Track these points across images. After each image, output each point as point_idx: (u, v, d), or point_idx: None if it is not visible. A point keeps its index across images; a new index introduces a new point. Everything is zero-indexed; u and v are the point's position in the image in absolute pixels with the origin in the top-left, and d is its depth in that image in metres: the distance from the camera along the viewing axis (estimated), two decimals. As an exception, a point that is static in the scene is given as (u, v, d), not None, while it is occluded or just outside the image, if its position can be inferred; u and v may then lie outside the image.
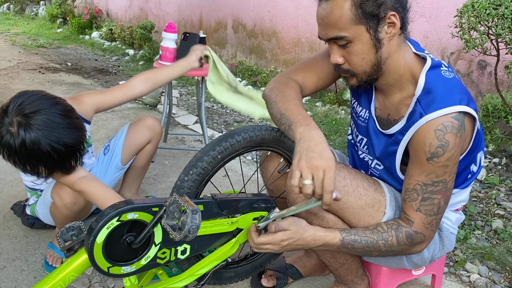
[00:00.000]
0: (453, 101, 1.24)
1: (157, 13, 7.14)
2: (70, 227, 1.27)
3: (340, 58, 1.30)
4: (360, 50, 1.26)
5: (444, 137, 1.23)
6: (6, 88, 4.35)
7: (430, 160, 1.25)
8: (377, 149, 1.45)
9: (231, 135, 1.32)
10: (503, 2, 2.49)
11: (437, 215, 1.32)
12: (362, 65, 1.29)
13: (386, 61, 1.30)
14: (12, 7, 10.66)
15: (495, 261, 2.04)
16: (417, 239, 1.34)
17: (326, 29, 1.26)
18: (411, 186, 1.31)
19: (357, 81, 1.34)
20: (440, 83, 1.28)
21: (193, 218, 1.11)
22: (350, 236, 1.33)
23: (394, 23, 1.24)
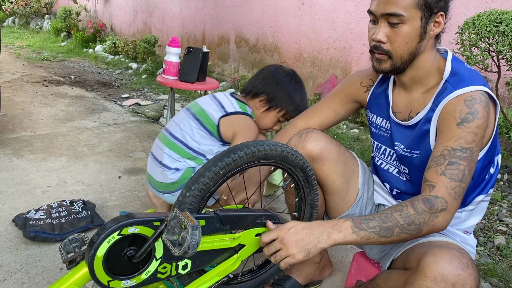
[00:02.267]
0: (479, 82, 1.31)
1: (160, 28, 7.20)
2: (73, 239, 1.27)
3: (385, 37, 1.33)
4: (408, 34, 1.30)
5: (473, 105, 1.27)
6: (9, 101, 4.37)
7: (461, 125, 1.27)
8: (405, 143, 1.45)
9: (233, 151, 1.32)
10: (503, 19, 2.51)
11: (461, 182, 1.26)
12: (404, 49, 1.33)
13: (420, 55, 1.35)
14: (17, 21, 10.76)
15: (498, 278, 2.03)
16: (438, 204, 1.24)
17: (386, 4, 1.29)
18: (439, 152, 1.29)
19: (390, 66, 1.37)
20: (466, 69, 1.36)
21: (193, 234, 1.10)
22: (361, 217, 1.26)
23: (440, 23, 1.34)
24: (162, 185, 2.01)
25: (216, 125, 1.95)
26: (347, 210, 1.65)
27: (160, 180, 2.00)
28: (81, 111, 4.30)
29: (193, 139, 1.97)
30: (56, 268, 1.91)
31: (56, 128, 3.71)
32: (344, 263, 2.08)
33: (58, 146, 3.30)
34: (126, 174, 2.91)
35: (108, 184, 2.74)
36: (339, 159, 1.59)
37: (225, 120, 1.95)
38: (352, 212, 1.65)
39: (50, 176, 2.78)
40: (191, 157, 1.98)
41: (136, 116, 4.31)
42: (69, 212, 2.23)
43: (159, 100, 4.94)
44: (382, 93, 1.55)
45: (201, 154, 1.98)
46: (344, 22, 4.43)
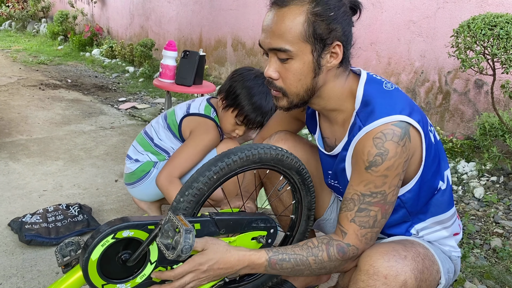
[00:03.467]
0: (393, 111, 1.19)
1: (157, 31, 7.20)
2: (69, 243, 1.27)
3: (275, 73, 1.23)
4: (299, 70, 1.20)
5: (383, 145, 1.17)
6: (6, 104, 4.36)
7: (369, 169, 1.19)
8: (332, 173, 1.44)
9: (227, 155, 1.31)
10: (498, 23, 2.52)
11: (372, 228, 1.24)
12: (297, 86, 1.23)
13: (321, 88, 1.26)
14: (13, 25, 10.75)
15: (495, 280, 2.03)
16: (349, 252, 1.25)
17: (272, 37, 1.20)
18: (349, 195, 1.25)
19: (287, 103, 1.28)
20: (379, 94, 1.24)
21: (186, 237, 1.10)
22: (278, 255, 1.25)
23: (337, 53, 1.21)
24: (126, 177, 2.12)
25: (178, 124, 2.00)
26: (322, 213, 1.64)
27: (125, 171, 2.12)
28: (78, 114, 4.30)
29: (158, 136, 2.05)
30: (52, 272, 1.90)
31: (52, 132, 3.70)
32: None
33: (54, 149, 3.30)
34: (123, 177, 2.91)
35: (104, 188, 2.74)
36: (309, 159, 1.56)
37: (186, 121, 2.00)
38: (327, 217, 1.64)
39: (46, 180, 2.77)
40: (153, 152, 2.06)
41: (133, 119, 4.31)
42: (65, 216, 2.23)
43: (156, 104, 4.94)
44: (312, 116, 1.49)
45: (164, 150, 2.05)
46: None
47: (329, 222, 1.65)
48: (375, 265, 1.16)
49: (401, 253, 1.19)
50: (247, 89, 1.91)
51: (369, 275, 1.17)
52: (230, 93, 1.94)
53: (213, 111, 2.02)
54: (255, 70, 2.00)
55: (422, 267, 1.21)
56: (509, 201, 2.73)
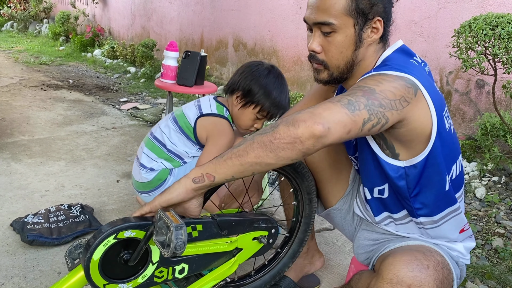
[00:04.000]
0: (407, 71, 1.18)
1: (158, 32, 7.21)
2: (78, 245, 1.27)
3: (318, 47, 1.29)
4: (341, 43, 1.26)
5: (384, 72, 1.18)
6: (8, 105, 4.37)
7: (363, 76, 1.22)
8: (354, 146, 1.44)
9: None
10: (499, 23, 2.53)
11: (346, 96, 1.12)
12: (338, 59, 1.28)
13: (360, 63, 1.30)
14: (15, 25, 10.77)
15: (496, 280, 2.04)
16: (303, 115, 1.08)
17: (316, 13, 1.25)
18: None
19: (327, 75, 1.32)
20: (402, 60, 1.26)
21: (177, 234, 1.10)
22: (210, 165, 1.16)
23: (378, 28, 1.27)
24: (139, 185, 2.05)
25: (192, 127, 1.96)
26: (335, 203, 1.63)
27: (138, 179, 2.04)
28: (80, 115, 4.31)
29: (171, 140, 1.98)
30: (54, 273, 1.91)
31: (54, 132, 3.71)
32: (342, 266, 2.09)
33: (56, 150, 3.31)
34: (124, 178, 2.92)
35: (106, 188, 2.74)
36: (330, 149, 1.56)
37: (200, 122, 1.95)
38: (340, 207, 1.63)
39: (48, 180, 2.78)
40: (167, 158, 1.99)
41: (134, 120, 4.32)
42: (67, 216, 2.23)
43: (157, 104, 4.94)
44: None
45: (178, 156, 1.99)
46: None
47: (341, 212, 1.64)
48: (399, 274, 1.16)
49: (423, 263, 1.19)
50: (263, 87, 1.92)
51: (393, 284, 1.16)
52: (247, 91, 1.93)
53: (226, 110, 2.01)
54: (265, 64, 1.99)
55: (442, 277, 1.21)
56: (511, 201, 2.73)
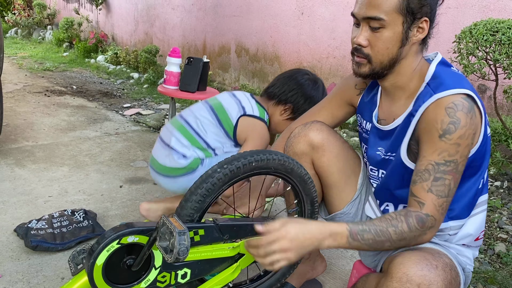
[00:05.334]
0: (461, 85, 1.27)
1: (161, 38, 7.25)
2: (81, 250, 1.28)
3: (365, 41, 1.33)
4: (389, 39, 1.30)
5: (455, 114, 1.24)
6: (12, 111, 4.40)
7: (443, 137, 1.25)
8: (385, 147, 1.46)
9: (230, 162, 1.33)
10: (500, 28, 2.54)
11: (447, 197, 1.28)
12: (384, 54, 1.32)
13: (402, 61, 1.35)
14: (19, 32, 10.83)
15: (498, 285, 2.03)
16: (428, 223, 1.27)
17: (368, 7, 1.30)
18: (423, 167, 1.29)
19: (369, 70, 1.37)
20: (449, 73, 1.34)
21: (180, 239, 1.11)
22: (358, 226, 1.26)
23: (423, 28, 1.32)
24: (166, 169, 2.01)
25: (233, 125, 1.96)
26: (343, 207, 1.64)
27: (164, 163, 2.00)
28: (83, 121, 4.33)
29: (206, 131, 1.97)
30: (58, 278, 1.92)
31: (58, 138, 3.73)
32: (344, 271, 2.09)
33: (59, 156, 3.33)
34: (128, 183, 2.93)
35: (109, 194, 2.76)
36: (339, 154, 1.59)
37: (243, 121, 1.97)
38: (348, 211, 1.64)
39: (52, 186, 2.80)
40: (200, 148, 1.97)
41: (137, 125, 4.34)
42: (71, 221, 2.24)
43: (161, 110, 4.96)
44: (371, 98, 1.55)
45: (212, 148, 1.98)
46: (343, 31, 4.46)
47: (348, 216, 1.65)
48: (409, 273, 1.18)
49: (432, 263, 1.21)
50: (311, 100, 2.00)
51: (402, 283, 1.18)
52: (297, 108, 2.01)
53: (266, 113, 2.04)
54: (310, 76, 2.06)
55: (450, 278, 1.23)
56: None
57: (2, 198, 2.58)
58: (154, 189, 2.87)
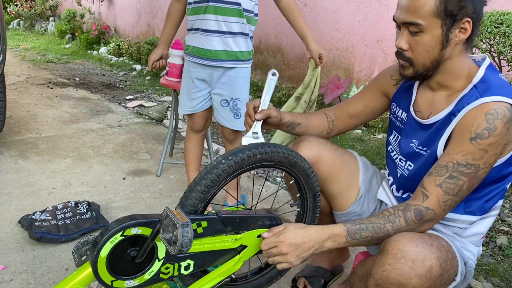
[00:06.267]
0: (508, 94, 1.27)
1: (164, 29, 7.23)
2: (85, 242, 1.29)
3: (405, 45, 1.35)
4: (428, 42, 1.31)
5: (493, 121, 1.25)
6: (15, 103, 4.41)
7: (473, 141, 1.26)
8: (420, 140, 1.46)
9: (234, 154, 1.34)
10: (504, 20, 2.53)
11: (455, 196, 1.31)
12: (425, 57, 1.34)
13: (446, 62, 1.35)
14: (22, 23, 10.82)
15: (500, 278, 2.04)
16: (427, 216, 1.32)
17: (406, 13, 1.31)
18: (444, 162, 1.31)
19: (412, 72, 1.39)
20: (497, 79, 1.33)
21: (183, 232, 1.12)
22: (355, 225, 1.32)
23: (466, 29, 1.30)
24: (243, 54, 2.24)
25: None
26: (348, 208, 1.66)
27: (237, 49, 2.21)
28: (86, 113, 4.34)
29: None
30: (62, 269, 1.93)
31: (61, 130, 3.74)
32: (346, 264, 2.10)
33: (63, 147, 3.34)
34: (131, 175, 2.94)
35: (112, 186, 2.77)
36: (335, 163, 1.61)
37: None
38: (353, 210, 1.66)
39: (55, 178, 2.81)
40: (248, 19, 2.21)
41: (140, 117, 4.34)
42: (74, 213, 2.26)
43: (163, 102, 4.97)
44: (408, 89, 1.55)
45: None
46: (346, 23, 4.44)
47: (355, 214, 1.68)
48: (404, 249, 1.22)
49: (427, 241, 1.25)
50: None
51: (397, 259, 1.22)
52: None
53: None
54: None
55: (445, 257, 1.27)
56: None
57: (6, 189, 2.59)
58: (157, 181, 2.88)
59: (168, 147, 3.13)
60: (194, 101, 2.35)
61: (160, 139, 3.73)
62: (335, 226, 1.33)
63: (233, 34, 2.16)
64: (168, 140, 3.03)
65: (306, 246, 1.31)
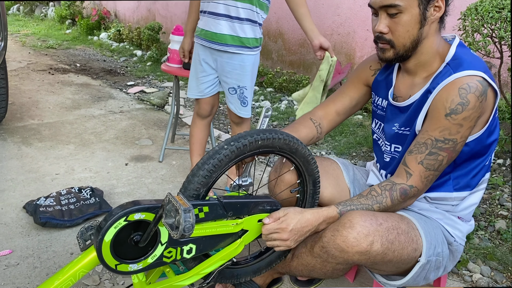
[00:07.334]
0: (479, 68, 1.32)
1: (164, 14, 7.19)
2: (89, 227, 1.31)
3: (386, 28, 1.38)
4: (408, 22, 1.34)
5: (466, 96, 1.29)
6: (16, 89, 4.42)
7: (448, 116, 1.32)
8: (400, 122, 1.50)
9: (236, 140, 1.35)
10: (506, 5, 2.51)
11: (435, 171, 1.38)
12: (405, 37, 1.37)
13: (423, 41, 1.39)
14: (22, 8, 10.77)
15: (498, 261, 2.06)
16: (411, 193, 1.40)
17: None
18: (423, 140, 1.37)
19: (393, 54, 1.41)
20: (468, 55, 1.39)
21: (186, 217, 1.13)
22: (346, 207, 1.40)
23: (440, 7, 1.36)
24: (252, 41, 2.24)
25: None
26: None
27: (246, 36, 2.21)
28: (87, 99, 4.35)
29: None
30: (67, 253, 1.97)
31: (63, 116, 3.76)
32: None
33: (65, 134, 3.36)
34: (133, 161, 2.96)
35: (115, 171, 2.79)
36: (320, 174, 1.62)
37: None
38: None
39: (58, 164, 2.83)
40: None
41: (141, 103, 4.35)
42: (78, 199, 2.28)
43: (164, 88, 4.97)
44: (386, 77, 1.59)
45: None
46: (348, 7, 4.42)
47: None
48: (353, 221, 1.32)
49: (378, 220, 1.34)
50: None
51: (345, 228, 1.32)
52: None
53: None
54: None
55: (393, 239, 1.35)
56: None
57: (11, 175, 2.62)
58: (160, 166, 2.90)
59: (170, 133, 3.15)
60: (202, 85, 2.36)
61: (161, 125, 3.74)
62: (329, 209, 1.41)
63: (240, 20, 2.16)
64: (169, 126, 3.04)
65: (304, 230, 1.39)
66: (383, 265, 1.39)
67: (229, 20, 2.16)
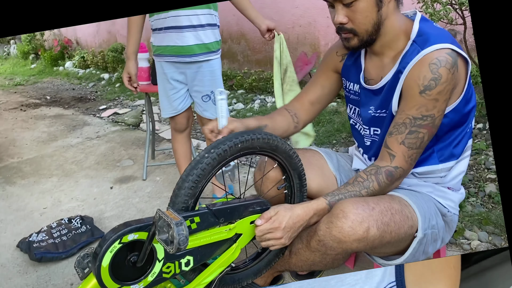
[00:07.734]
0: (445, 40, 1.33)
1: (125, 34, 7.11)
2: (85, 255, 1.30)
3: (345, 18, 1.37)
4: (365, 8, 1.34)
5: (437, 70, 1.30)
6: (-11, 131, 4.36)
7: (423, 93, 1.32)
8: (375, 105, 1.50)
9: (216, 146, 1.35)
10: (460, -28, 2.54)
11: (418, 148, 1.39)
12: (366, 23, 1.37)
13: (384, 22, 1.38)
14: (-18, 50, 10.61)
15: (493, 225, 2.05)
16: (397, 174, 1.41)
17: None
18: (401, 120, 1.37)
19: (358, 41, 1.41)
20: (433, 28, 1.39)
21: (178, 230, 1.14)
22: (335, 197, 1.40)
23: None
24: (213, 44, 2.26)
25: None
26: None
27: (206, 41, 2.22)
28: (63, 129, 4.31)
29: None
30: (67, 285, 1.95)
31: (41, 151, 3.72)
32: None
33: (46, 167, 3.32)
34: (117, 183, 2.95)
35: (101, 196, 2.77)
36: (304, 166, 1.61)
37: None
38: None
39: (44, 198, 2.80)
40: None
41: (116, 125, 4.33)
42: (69, 229, 2.27)
43: (136, 106, 4.95)
44: (355, 61, 1.58)
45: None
46: (306, -1, 4.45)
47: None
48: (345, 210, 1.31)
49: (370, 205, 1.33)
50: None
51: (339, 218, 1.31)
52: None
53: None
54: None
55: (388, 221, 1.34)
56: (495, 144, 2.78)
57: None
58: (144, 184, 2.89)
59: (149, 150, 3.13)
60: (174, 102, 2.34)
61: (140, 143, 3.73)
62: (318, 201, 1.40)
63: (203, 27, 2.16)
64: (148, 144, 3.03)
65: (296, 226, 1.38)
66: (382, 247, 1.38)
67: (193, 30, 2.16)
